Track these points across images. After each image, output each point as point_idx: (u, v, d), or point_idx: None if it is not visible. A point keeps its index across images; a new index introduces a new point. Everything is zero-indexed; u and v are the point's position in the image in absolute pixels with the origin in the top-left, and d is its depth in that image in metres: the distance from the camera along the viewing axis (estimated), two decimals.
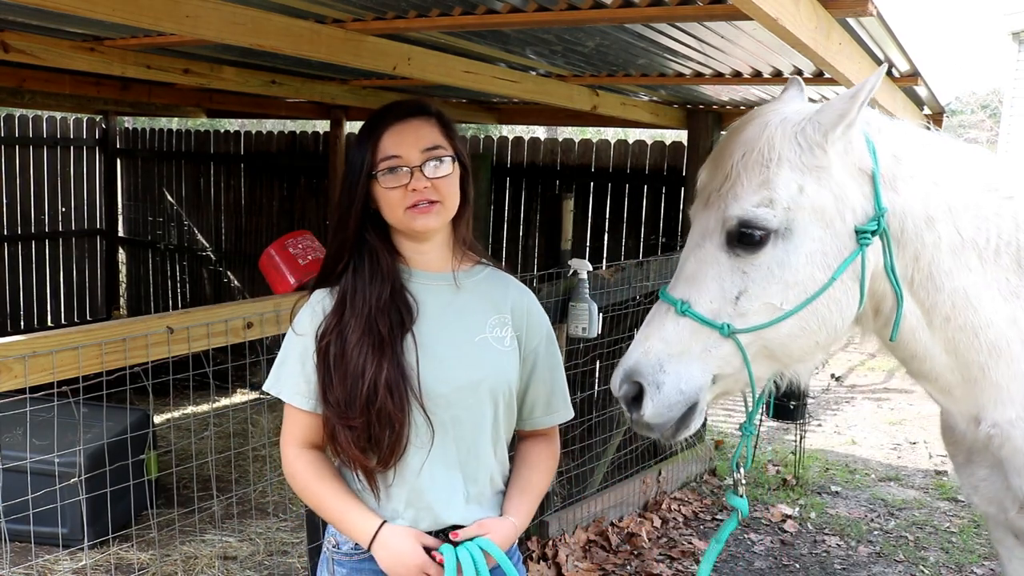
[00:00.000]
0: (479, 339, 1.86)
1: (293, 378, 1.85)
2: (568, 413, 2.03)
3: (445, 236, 1.91)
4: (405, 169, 1.79)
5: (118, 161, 9.19)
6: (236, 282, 8.47)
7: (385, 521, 1.79)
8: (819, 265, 1.83)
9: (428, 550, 1.77)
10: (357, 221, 1.84)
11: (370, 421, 1.75)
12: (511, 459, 2.00)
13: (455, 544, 1.77)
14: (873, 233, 1.83)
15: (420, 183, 1.78)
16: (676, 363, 1.84)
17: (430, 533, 1.82)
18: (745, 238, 1.81)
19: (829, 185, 1.83)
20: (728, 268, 1.84)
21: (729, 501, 2.03)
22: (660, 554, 4.71)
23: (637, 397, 1.85)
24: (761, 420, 6.56)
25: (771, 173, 1.80)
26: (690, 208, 1.98)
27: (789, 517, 5.30)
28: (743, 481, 2.02)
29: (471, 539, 1.78)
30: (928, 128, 2.09)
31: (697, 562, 4.66)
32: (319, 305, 1.87)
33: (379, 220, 1.86)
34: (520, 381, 1.93)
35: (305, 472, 1.85)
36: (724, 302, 1.83)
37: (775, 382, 2.05)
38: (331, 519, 1.84)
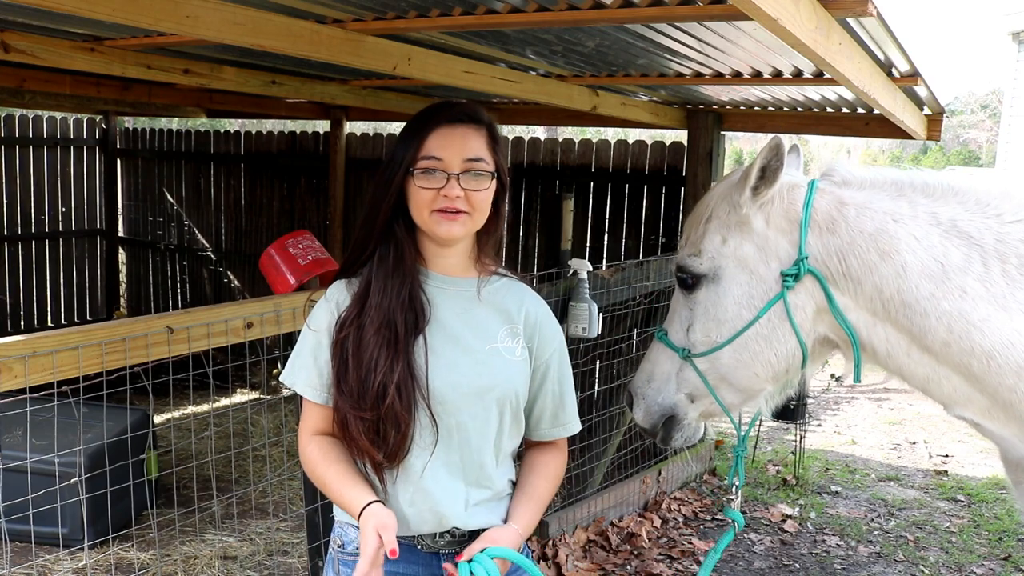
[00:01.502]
0: (490, 348, 1.85)
1: (306, 371, 1.86)
2: (575, 427, 2.02)
3: (468, 245, 1.90)
4: (443, 173, 1.78)
5: (118, 161, 9.19)
6: (236, 282, 8.47)
7: (376, 500, 1.75)
8: (745, 306, 2.11)
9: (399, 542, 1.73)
10: (388, 214, 1.84)
11: (379, 416, 1.76)
12: (518, 460, 2.01)
13: (467, 560, 1.74)
14: (795, 277, 2.05)
15: (454, 191, 1.78)
16: (657, 380, 2.29)
17: (435, 535, 1.83)
18: (682, 281, 2.20)
19: (751, 237, 2.10)
20: (683, 305, 2.23)
21: (727, 514, 2.32)
22: (660, 554, 4.71)
23: (629, 403, 2.36)
24: (761, 420, 6.55)
25: (702, 229, 2.16)
26: None
27: (789, 517, 5.30)
28: (734, 497, 2.34)
29: (480, 552, 1.76)
30: (912, 169, 2.19)
31: (698, 562, 4.66)
32: (334, 301, 1.87)
33: (408, 218, 1.86)
34: (529, 392, 1.92)
35: (314, 454, 1.85)
36: (682, 332, 2.23)
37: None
38: (333, 496, 1.83)
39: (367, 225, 1.87)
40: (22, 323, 8.51)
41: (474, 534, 1.85)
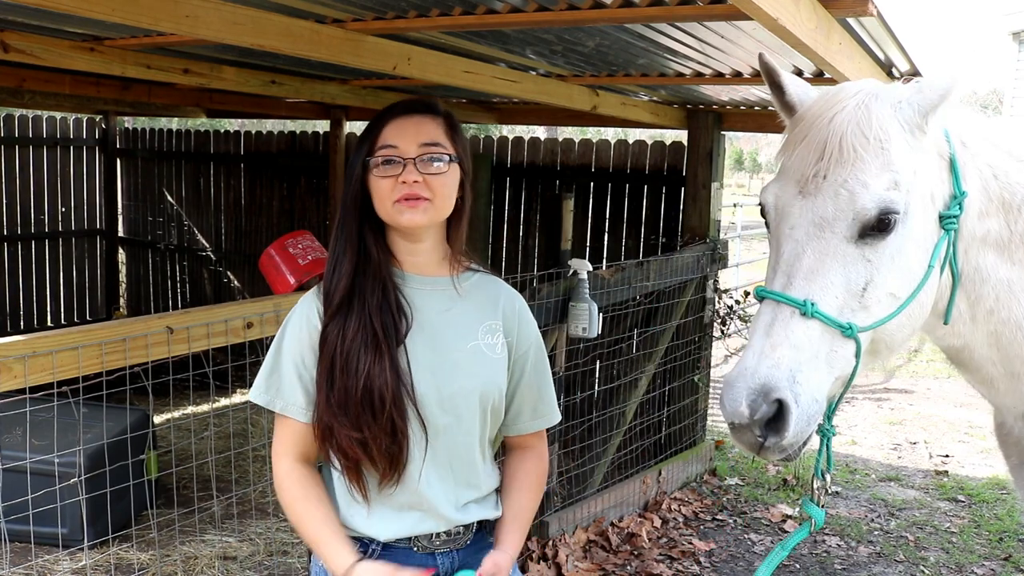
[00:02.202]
0: (471, 346, 1.84)
1: (288, 388, 1.81)
2: (555, 417, 2.00)
3: (438, 240, 1.88)
4: (399, 160, 1.77)
5: (118, 161, 9.19)
6: (236, 282, 8.47)
7: (361, 559, 1.77)
8: (924, 251, 1.77)
9: None
10: (357, 217, 1.82)
11: (371, 426, 1.73)
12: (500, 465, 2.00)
13: None
14: (956, 218, 1.79)
15: (411, 176, 1.76)
16: (808, 371, 1.66)
17: (431, 536, 1.82)
18: (880, 225, 1.69)
19: (927, 168, 1.77)
20: (854, 259, 1.71)
21: (805, 509, 1.91)
22: (660, 554, 4.71)
23: (776, 417, 1.64)
24: None
25: (891, 155, 1.71)
26: (768, 195, 1.83)
27: (789, 517, 5.30)
28: (828, 489, 1.90)
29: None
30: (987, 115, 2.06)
31: (698, 562, 4.66)
32: (313, 313, 1.83)
33: (375, 220, 1.84)
34: (508, 386, 1.91)
35: (292, 489, 1.82)
36: (850, 296, 1.70)
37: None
38: (308, 542, 1.82)
39: (341, 234, 1.83)
40: (22, 323, 8.50)
41: (468, 528, 1.86)
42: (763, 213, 1.86)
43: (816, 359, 1.67)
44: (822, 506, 1.90)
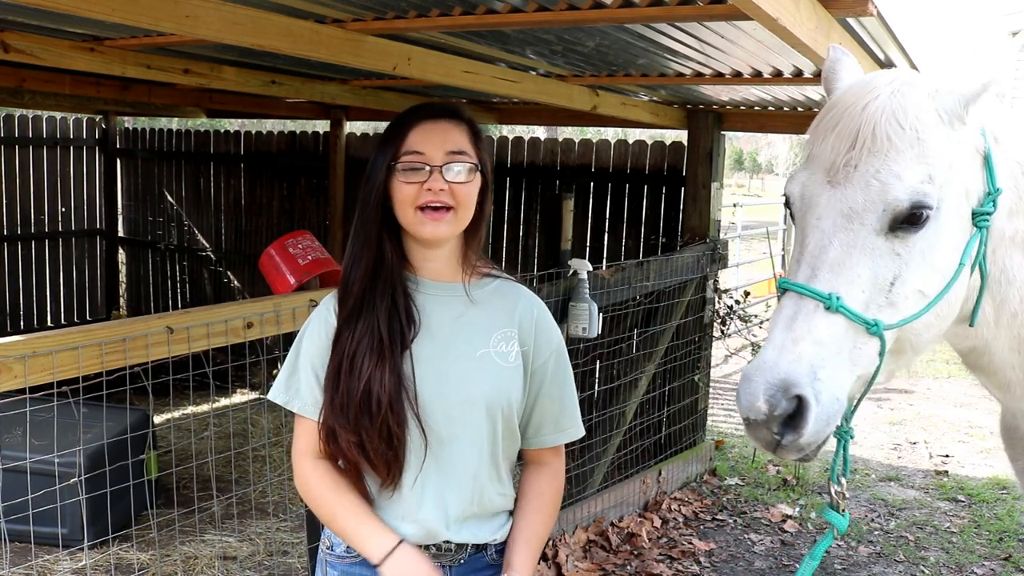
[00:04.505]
0: (480, 353, 1.81)
1: (307, 389, 1.82)
2: (578, 431, 1.96)
3: (455, 246, 1.86)
4: (426, 167, 1.75)
5: (118, 161, 9.19)
6: (236, 282, 8.47)
7: (403, 541, 1.76)
8: (955, 248, 1.71)
9: None
10: (377, 220, 1.80)
11: (368, 430, 1.73)
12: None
13: None
14: (989, 216, 1.73)
15: (437, 184, 1.75)
16: (830, 368, 1.60)
17: (426, 547, 1.80)
18: (912, 219, 1.63)
19: (963, 162, 1.71)
20: (883, 252, 1.65)
21: (825, 516, 1.82)
22: (660, 554, 4.71)
23: (794, 415, 1.57)
24: None
25: (927, 146, 1.64)
26: (795, 185, 1.77)
27: (789, 517, 5.30)
28: (845, 494, 1.81)
29: None
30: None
31: (698, 562, 4.66)
32: (331, 312, 1.83)
33: (392, 223, 1.82)
34: (527, 398, 1.87)
35: (320, 483, 1.80)
36: (876, 291, 1.64)
37: None
38: (343, 533, 1.80)
39: (357, 235, 1.82)
40: (22, 323, 8.50)
41: (461, 547, 1.82)
42: (787, 204, 1.79)
43: (839, 356, 1.61)
44: (843, 511, 1.82)
